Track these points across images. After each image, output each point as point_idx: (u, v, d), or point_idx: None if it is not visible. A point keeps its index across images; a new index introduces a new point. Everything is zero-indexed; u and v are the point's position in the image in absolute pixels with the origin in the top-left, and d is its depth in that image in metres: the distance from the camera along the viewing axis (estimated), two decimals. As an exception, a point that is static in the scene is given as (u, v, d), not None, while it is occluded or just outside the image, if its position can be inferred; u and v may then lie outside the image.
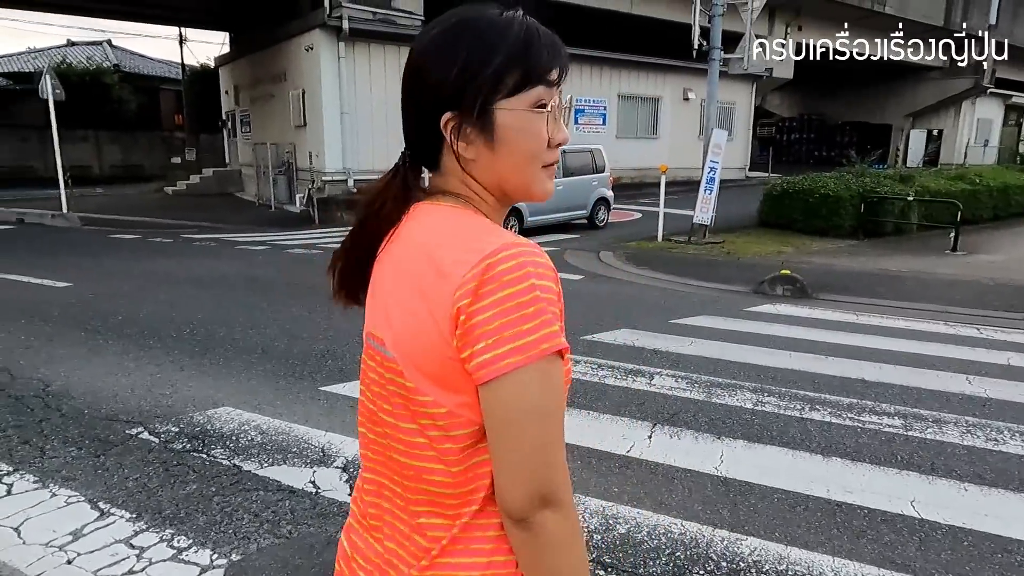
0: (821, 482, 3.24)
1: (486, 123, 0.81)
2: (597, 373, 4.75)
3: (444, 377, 0.77)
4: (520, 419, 0.74)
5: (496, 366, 0.73)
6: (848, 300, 7.41)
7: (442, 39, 0.82)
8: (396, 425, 0.83)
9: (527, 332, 0.73)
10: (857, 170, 13.41)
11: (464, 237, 0.79)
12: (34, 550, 2.69)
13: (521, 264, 0.74)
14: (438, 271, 0.77)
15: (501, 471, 0.76)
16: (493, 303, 0.73)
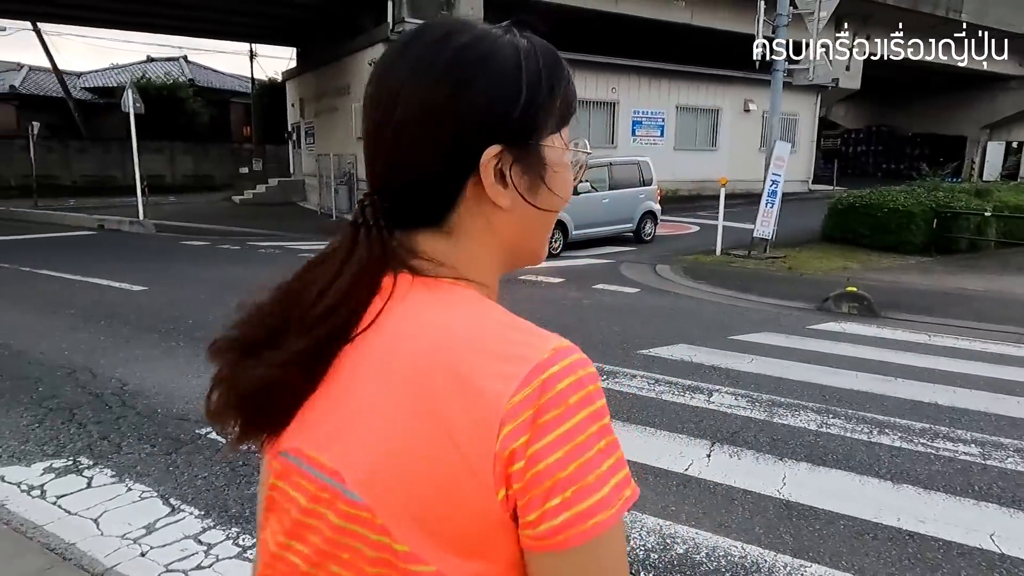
0: (891, 510, 3.11)
1: (537, 161, 0.63)
2: (654, 388, 4.69)
3: (466, 540, 0.55)
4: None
5: (579, 528, 0.53)
6: (919, 319, 7.09)
7: (484, 53, 0.61)
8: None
9: (608, 475, 0.54)
10: (929, 184, 12.87)
11: (492, 337, 0.57)
12: (111, 542, 2.83)
13: (582, 381, 0.55)
14: (462, 388, 0.54)
15: None
16: (561, 438, 0.53)
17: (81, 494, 3.22)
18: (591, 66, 18.61)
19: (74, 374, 4.87)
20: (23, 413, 4.17)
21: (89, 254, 11.25)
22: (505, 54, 0.62)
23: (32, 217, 17.07)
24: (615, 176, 12.49)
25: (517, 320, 0.59)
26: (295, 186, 22.91)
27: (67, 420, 4.07)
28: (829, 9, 11.19)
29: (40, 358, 5.25)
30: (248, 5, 18.76)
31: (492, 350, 0.55)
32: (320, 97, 20.47)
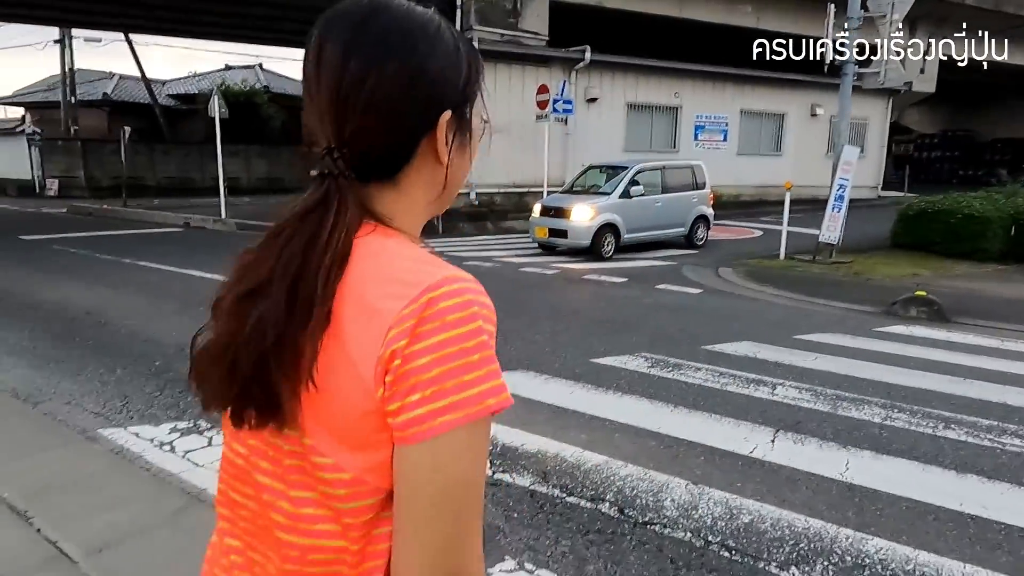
0: (954, 496, 3.23)
1: (467, 124, 0.76)
2: (719, 380, 4.87)
3: (356, 434, 0.64)
4: (441, 489, 0.63)
5: (430, 424, 0.61)
6: (992, 325, 6.99)
7: (437, 27, 0.73)
8: (279, 491, 0.69)
9: (470, 384, 0.62)
10: (1009, 190, 12.44)
11: (398, 266, 0.67)
12: (235, 489, 3.23)
13: (467, 302, 0.64)
14: (362, 306, 0.64)
15: (407, 547, 0.64)
16: (433, 346, 0.62)
17: (205, 450, 3.66)
18: (654, 71, 18.68)
19: (184, 351, 5.35)
20: (145, 383, 4.69)
21: (180, 249, 12.08)
22: (446, 34, 0.73)
23: (124, 215, 18.31)
24: (668, 180, 12.41)
25: (423, 255, 0.69)
26: (362, 188, 23.74)
27: (184, 390, 4.55)
28: (902, 11, 11.01)
29: (153, 337, 5.82)
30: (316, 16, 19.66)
31: (394, 278, 0.65)
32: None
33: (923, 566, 2.65)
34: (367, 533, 0.68)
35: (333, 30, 0.70)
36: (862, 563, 2.67)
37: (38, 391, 4.51)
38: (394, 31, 0.69)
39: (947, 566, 2.66)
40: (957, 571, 2.63)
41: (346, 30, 0.69)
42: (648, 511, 3.05)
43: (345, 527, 0.67)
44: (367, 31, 0.69)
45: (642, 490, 3.24)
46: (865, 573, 2.61)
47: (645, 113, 19.01)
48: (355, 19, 0.70)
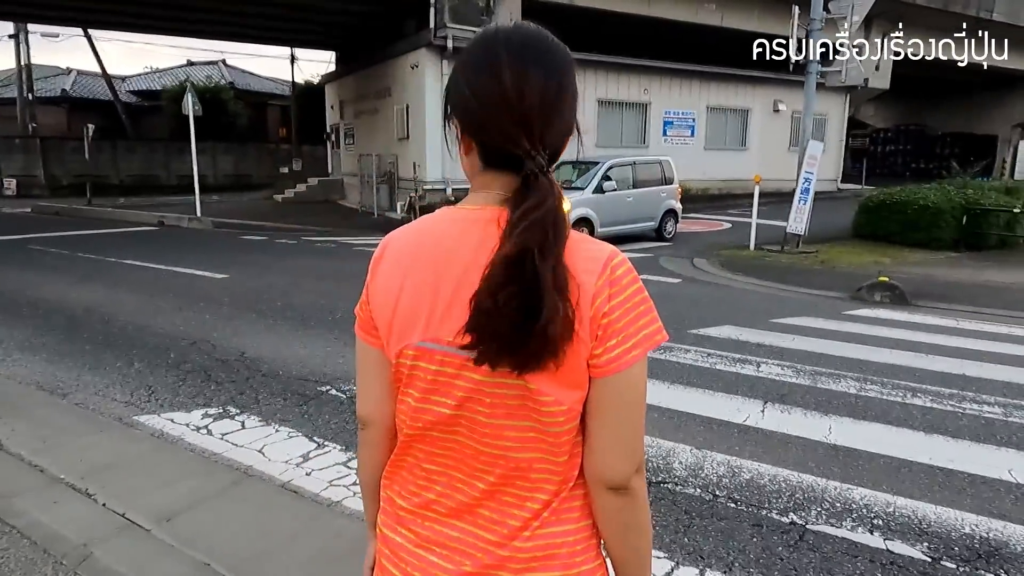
0: (924, 452, 3.65)
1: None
2: (708, 360, 5.26)
3: (572, 377, 0.84)
4: (635, 402, 0.87)
5: (624, 360, 0.84)
6: (948, 307, 7.55)
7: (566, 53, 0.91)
8: (500, 424, 0.87)
9: (644, 326, 0.86)
10: (959, 182, 13.20)
11: (576, 247, 0.85)
12: (278, 466, 3.48)
13: (629, 269, 0.87)
14: (570, 279, 0.82)
15: (612, 448, 0.87)
16: (620, 304, 0.84)
17: (240, 433, 3.89)
18: (624, 68, 19.14)
19: (196, 344, 5.58)
20: (166, 374, 4.88)
21: (161, 247, 12.07)
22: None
23: (93, 214, 18.04)
24: (638, 175, 12.82)
25: (583, 236, 0.89)
26: (334, 185, 23.71)
27: (205, 379, 4.76)
28: (862, 13, 11.62)
29: (161, 331, 5.97)
30: (291, 12, 19.57)
31: (581, 254, 0.85)
32: (360, 99, 21.23)
33: (901, 508, 3.06)
34: (572, 448, 0.89)
35: (520, 52, 0.87)
36: (850, 508, 3.07)
37: (62, 384, 4.66)
38: (559, 53, 0.90)
39: (921, 508, 3.07)
40: (930, 511, 3.04)
41: (531, 52, 0.87)
42: (660, 472, 3.40)
43: (557, 444, 0.87)
44: (548, 54, 0.88)
45: (652, 455, 3.59)
46: (853, 515, 3.00)
47: (616, 109, 19.47)
48: (532, 43, 0.88)
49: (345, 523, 2.93)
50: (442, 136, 1.00)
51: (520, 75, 0.85)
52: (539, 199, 0.83)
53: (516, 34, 0.90)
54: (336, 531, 2.90)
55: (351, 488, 3.24)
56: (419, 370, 0.89)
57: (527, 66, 0.86)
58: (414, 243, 0.93)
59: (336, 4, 18.17)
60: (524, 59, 0.86)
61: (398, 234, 0.96)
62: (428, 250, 0.90)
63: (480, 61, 0.88)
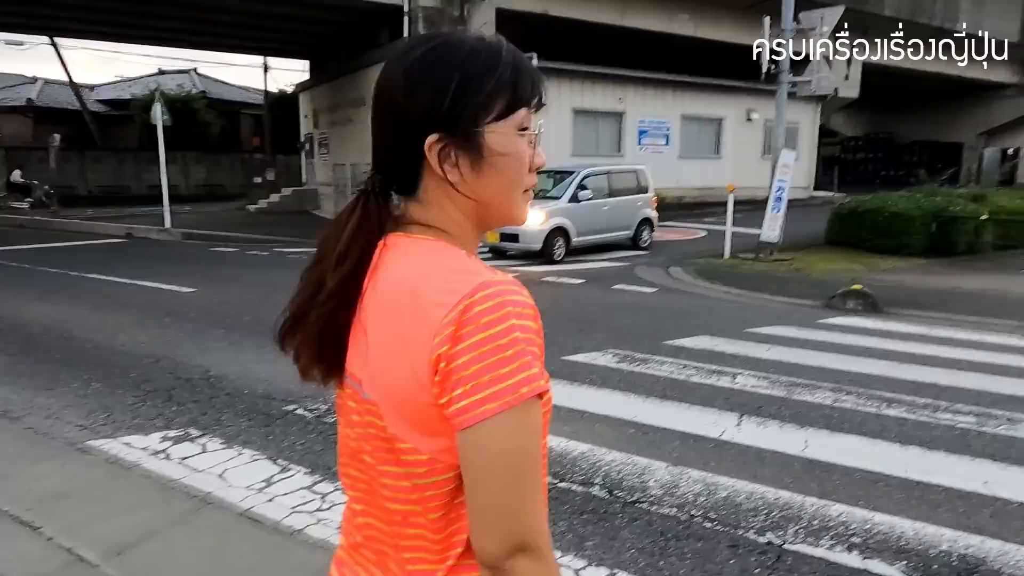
0: (900, 465, 3.62)
1: (474, 145, 0.79)
2: (683, 372, 5.21)
3: (424, 422, 0.75)
4: (495, 465, 0.72)
5: (473, 413, 0.71)
6: (920, 314, 7.61)
7: (431, 58, 0.79)
8: (379, 469, 0.81)
9: (506, 376, 0.71)
10: (928, 190, 13.41)
11: (442, 276, 0.76)
12: (239, 491, 3.33)
13: (500, 304, 0.72)
14: (416, 314, 0.75)
15: (475, 518, 0.74)
16: (471, 346, 0.71)
17: (200, 457, 3.73)
18: (599, 77, 19.22)
19: (159, 362, 5.39)
20: (125, 395, 4.69)
21: (127, 260, 11.77)
22: (448, 60, 0.79)
23: (59, 226, 17.59)
24: (614, 184, 12.84)
25: (465, 263, 0.79)
26: (308, 195, 23.46)
27: (167, 400, 4.59)
28: (831, 23, 11.77)
29: (122, 349, 5.77)
30: (264, 21, 19.38)
31: (438, 286, 0.75)
32: (334, 108, 21.05)
33: (879, 525, 3.01)
34: (448, 503, 0.79)
35: (391, 66, 0.83)
36: (827, 526, 3.01)
37: (13, 407, 4.45)
38: (398, 61, 0.81)
39: (899, 524, 3.02)
40: (908, 528, 2.99)
41: (397, 66, 0.82)
42: (635, 491, 3.32)
43: (425, 499, 0.78)
44: (389, 62, 0.82)
45: (627, 473, 3.51)
46: (831, 534, 2.94)
47: (591, 118, 19.53)
48: (413, 55, 0.81)
49: (307, 553, 2.80)
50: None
51: (375, 87, 0.83)
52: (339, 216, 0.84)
53: (408, 42, 0.85)
54: (299, 562, 2.77)
55: (315, 515, 3.11)
56: (342, 399, 0.87)
57: (381, 76, 0.82)
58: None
59: (309, 13, 18.01)
60: (384, 70, 0.83)
61: None
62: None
63: None
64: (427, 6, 15.97)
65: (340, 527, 0.97)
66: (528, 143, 0.83)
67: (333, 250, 0.82)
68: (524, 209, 0.87)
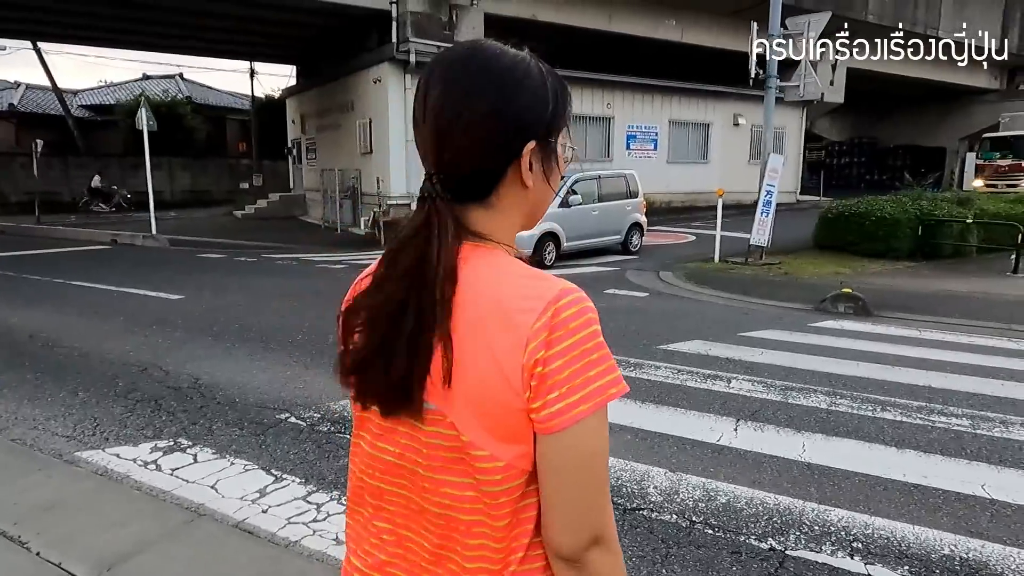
0: (897, 468, 3.62)
1: (552, 154, 0.85)
2: (678, 377, 5.19)
3: (507, 429, 0.76)
4: (584, 464, 0.76)
5: (568, 416, 0.73)
6: (910, 317, 7.66)
7: (523, 69, 0.82)
8: (437, 479, 0.80)
9: (595, 378, 0.75)
10: (914, 193, 13.54)
11: (520, 283, 0.78)
12: (233, 503, 3.27)
13: (582, 311, 0.76)
14: (503, 321, 0.75)
15: (558, 515, 0.77)
16: (562, 351, 0.74)
17: (192, 467, 3.66)
18: (588, 82, 19.27)
19: (147, 371, 5.30)
20: (112, 404, 4.60)
21: (113, 267, 11.61)
22: (535, 73, 0.83)
23: (42, 232, 17.37)
24: (603, 189, 12.85)
25: (531, 270, 0.81)
26: (296, 201, 23.32)
27: (156, 409, 4.51)
28: (818, 29, 11.88)
29: (109, 358, 5.67)
30: (251, 26, 19.26)
31: (521, 294, 0.76)
32: (322, 114, 20.95)
33: (880, 529, 3.00)
34: (515, 509, 0.79)
35: (436, 71, 0.82)
36: (828, 531, 3.00)
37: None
38: (485, 72, 0.81)
39: (899, 528, 3.02)
40: (908, 532, 2.99)
41: (447, 71, 0.82)
42: (635, 498, 3.29)
43: (495, 506, 0.78)
44: (464, 72, 0.81)
45: (626, 480, 3.48)
46: (832, 539, 2.93)
47: (579, 124, 19.55)
48: (454, 62, 0.82)
49: (304, 565, 2.75)
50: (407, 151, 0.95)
51: (427, 91, 0.82)
52: (410, 229, 0.82)
53: (452, 50, 0.86)
54: (296, 573, 2.72)
55: (311, 526, 3.06)
56: (370, 412, 0.85)
57: (436, 81, 0.82)
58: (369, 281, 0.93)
59: (296, 18, 17.92)
60: (437, 74, 0.82)
61: (363, 273, 0.96)
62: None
63: (420, 78, 0.87)
64: (416, 11, 15.94)
65: (349, 547, 0.93)
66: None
67: (415, 266, 0.79)
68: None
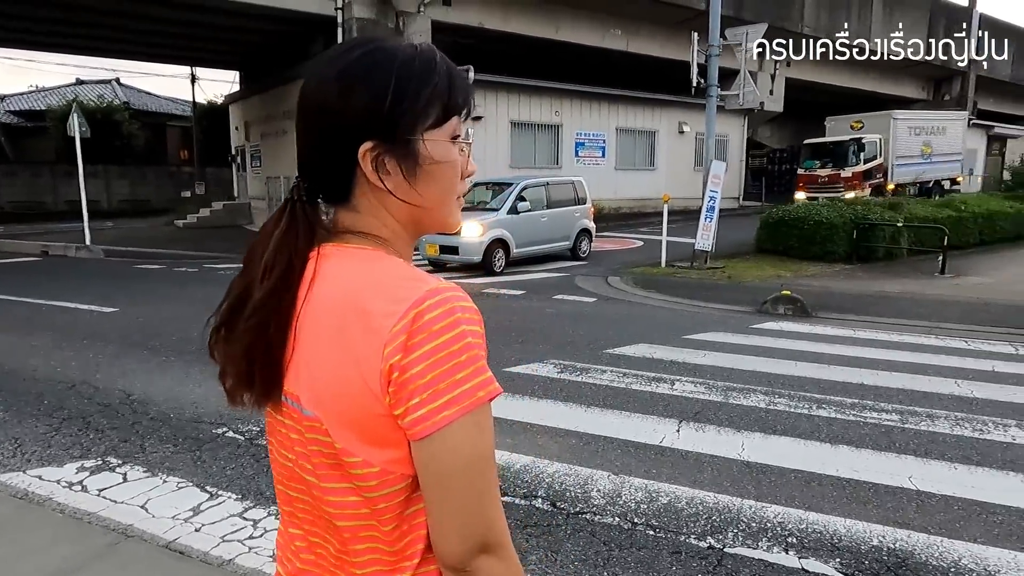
0: (831, 464, 3.73)
1: (411, 152, 0.79)
2: (623, 380, 5.25)
3: (374, 434, 0.74)
4: (457, 471, 0.72)
5: (432, 421, 0.71)
6: (846, 318, 7.95)
7: (368, 62, 0.78)
8: (323, 487, 0.78)
9: (462, 381, 0.71)
10: (848, 199, 14.07)
11: (387, 285, 0.75)
12: (164, 522, 3.14)
13: (450, 311, 0.72)
14: (364, 324, 0.73)
15: (438, 523, 0.74)
16: (424, 355, 0.70)
17: (121, 487, 3.51)
18: (536, 90, 19.44)
19: (75, 387, 5.07)
20: (36, 423, 4.38)
21: (43, 280, 11.09)
22: (385, 66, 0.77)
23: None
24: (552, 195, 12.96)
25: (408, 270, 0.78)
26: (241, 209, 22.76)
27: (83, 427, 4.31)
28: (755, 40, 12.26)
29: (35, 374, 5.40)
30: (191, 30, 18.76)
31: (384, 295, 0.73)
32: (267, 120, 20.54)
33: (814, 524, 3.09)
34: (400, 514, 0.77)
35: (321, 71, 0.80)
36: (765, 527, 3.06)
37: (-92, 441, 4.09)
38: (329, 68, 0.78)
39: (832, 522, 3.11)
40: (840, 525, 3.08)
41: (310, 67, 0.82)
42: (578, 502, 3.30)
43: (377, 512, 0.76)
44: (317, 71, 0.80)
45: (570, 484, 3.49)
46: (768, 535, 3.00)
47: (528, 131, 19.71)
48: (346, 60, 0.79)
49: (238, 584, 2.65)
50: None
51: (301, 92, 0.81)
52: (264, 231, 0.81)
53: (338, 47, 0.83)
54: (228, 594, 2.62)
55: (247, 543, 2.96)
56: (273, 419, 0.84)
57: (310, 81, 0.80)
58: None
59: (239, 23, 17.54)
60: (313, 74, 0.80)
61: None
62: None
63: None
64: (361, 17, 15.81)
65: (277, 555, 0.92)
66: (460, 151, 0.83)
67: (259, 261, 0.79)
68: (458, 215, 0.87)
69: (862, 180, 21.19)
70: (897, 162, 22.48)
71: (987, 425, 4.33)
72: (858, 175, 21.13)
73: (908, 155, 22.99)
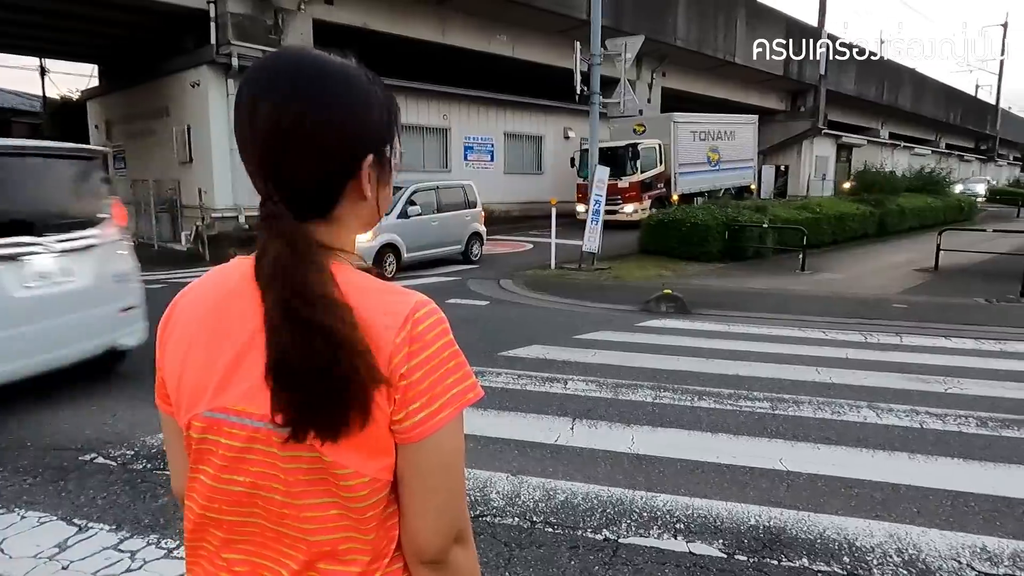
0: (712, 452, 3.99)
1: (386, 160, 0.84)
2: (519, 382, 5.34)
3: (373, 444, 0.76)
4: (447, 466, 0.79)
5: (430, 424, 0.76)
6: (721, 314, 8.51)
7: (352, 81, 0.80)
8: (298, 504, 0.77)
9: (454, 385, 0.78)
10: (722, 201, 15.07)
11: (375, 299, 0.78)
12: (24, 563, 2.85)
13: (437, 321, 0.79)
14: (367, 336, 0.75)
15: (421, 520, 0.79)
16: (422, 362, 0.76)
17: (-28, 528, 3.14)
18: (424, 93, 19.33)
19: (-92, 419, 4.47)
20: None
21: None
22: (366, 83, 0.81)
23: None
24: (442, 199, 12.97)
25: (387, 285, 0.81)
26: (104, 214, 20.95)
27: (-80, 463, 3.81)
28: (633, 51, 12.86)
29: None
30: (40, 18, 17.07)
31: (381, 310, 0.77)
32: (132, 119, 19.05)
33: (699, 509, 3.29)
34: (381, 520, 0.80)
35: (261, 81, 0.77)
36: (655, 516, 3.23)
37: None
38: (320, 82, 0.77)
39: (715, 506, 3.32)
40: (722, 508, 3.30)
41: (275, 81, 0.77)
42: (478, 505, 3.32)
43: (363, 521, 0.78)
44: (298, 83, 0.76)
45: (469, 488, 3.50)
46: (658, 523, 3.16)
47: (416, 134, 19.56)
48: (282, 71, 0.77)
49: (115, 623, 2.45)
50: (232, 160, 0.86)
51: (253, 106, 0.77)
52: (262, 248, 0.77)
53: (274, 57, 0.81)
54: (103, 634, 2.42)
55: (123, 577, 2.74)
56: (208, 443, 0.80)
57: (263, 94, 0.77)
58: (201, 301, 0.84)
59: (95, 12, 16.14)
60: (264, 84, 0.78)
61: (187, 291, 0.88)
62: (215, 308, 0.82)
63: (239, 91, 0.80)
64: (237, 12, 15.04)
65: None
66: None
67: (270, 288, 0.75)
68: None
69: (640, 191, 19.13)
70: (680, 170, 20.53)
71: (843, 407, 4.79)
72: (635, 185, 19.03)
73: (692, 162, 21.02)
